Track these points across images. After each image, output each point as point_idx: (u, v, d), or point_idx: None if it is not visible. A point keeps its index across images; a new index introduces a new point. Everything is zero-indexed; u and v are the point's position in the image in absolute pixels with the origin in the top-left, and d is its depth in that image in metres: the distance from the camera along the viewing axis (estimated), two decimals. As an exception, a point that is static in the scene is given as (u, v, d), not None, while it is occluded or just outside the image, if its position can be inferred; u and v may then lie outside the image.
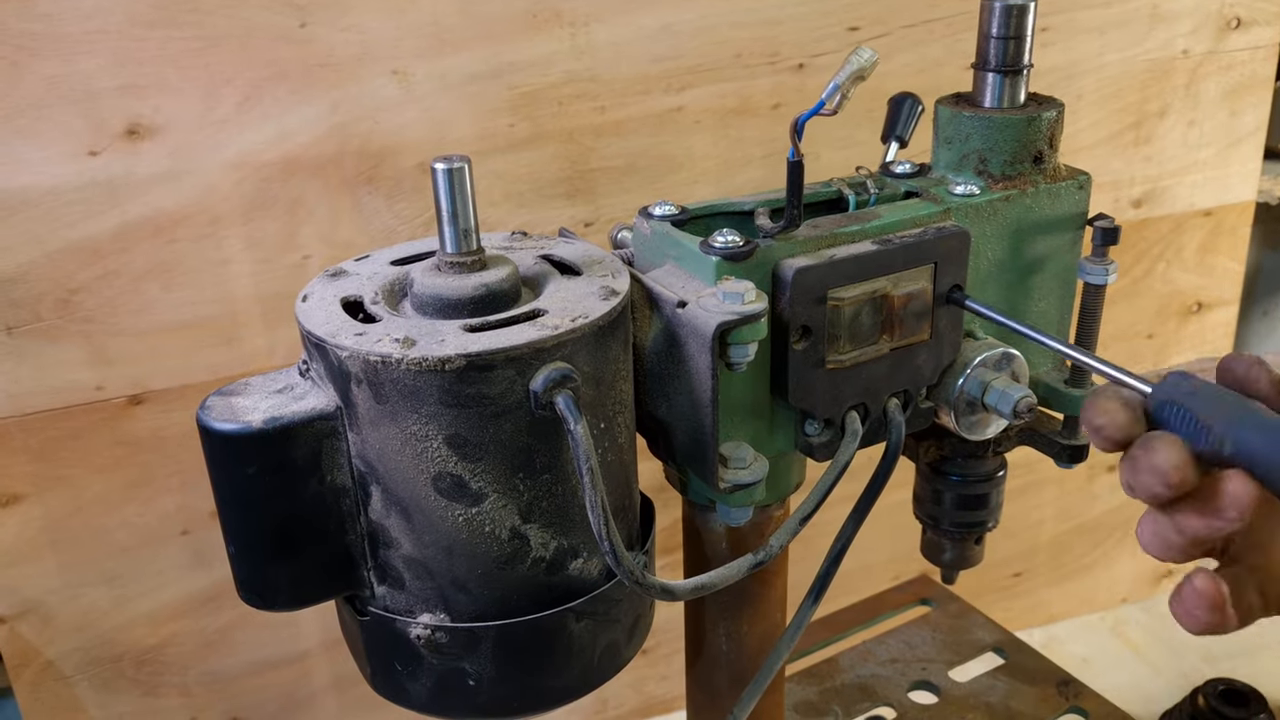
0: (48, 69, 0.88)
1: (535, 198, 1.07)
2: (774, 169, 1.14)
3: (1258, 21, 1.30)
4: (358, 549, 0.54)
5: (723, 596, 0.68)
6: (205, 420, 0.50)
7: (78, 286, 0.95)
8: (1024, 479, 1.45)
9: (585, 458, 0.48)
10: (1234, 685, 1.28)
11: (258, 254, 1.00)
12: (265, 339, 1.03)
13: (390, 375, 0.48)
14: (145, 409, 1.02)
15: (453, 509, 0.51)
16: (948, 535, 0.75)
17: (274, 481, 0.51)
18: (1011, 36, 0.63)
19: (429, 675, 0.55)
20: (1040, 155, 0.64)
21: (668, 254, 0.59)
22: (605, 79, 1.05)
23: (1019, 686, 0.98)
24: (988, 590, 1.52)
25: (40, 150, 0.90)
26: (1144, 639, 1.54)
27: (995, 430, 0.65)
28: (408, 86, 0.99)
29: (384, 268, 0.58)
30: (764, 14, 1.08)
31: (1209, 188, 1.38)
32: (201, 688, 1.14)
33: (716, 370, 0.53)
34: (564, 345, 0.50)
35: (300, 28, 0.94)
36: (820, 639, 1.05)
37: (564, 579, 0.54)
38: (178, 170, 0.95)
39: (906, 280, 0.59)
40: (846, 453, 0.60)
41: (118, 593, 1.07)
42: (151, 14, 0.89)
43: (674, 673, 1.37)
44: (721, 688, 0.71)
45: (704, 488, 0.61)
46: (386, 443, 0.50)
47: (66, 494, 1.02)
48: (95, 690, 1.09)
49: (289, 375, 0.54)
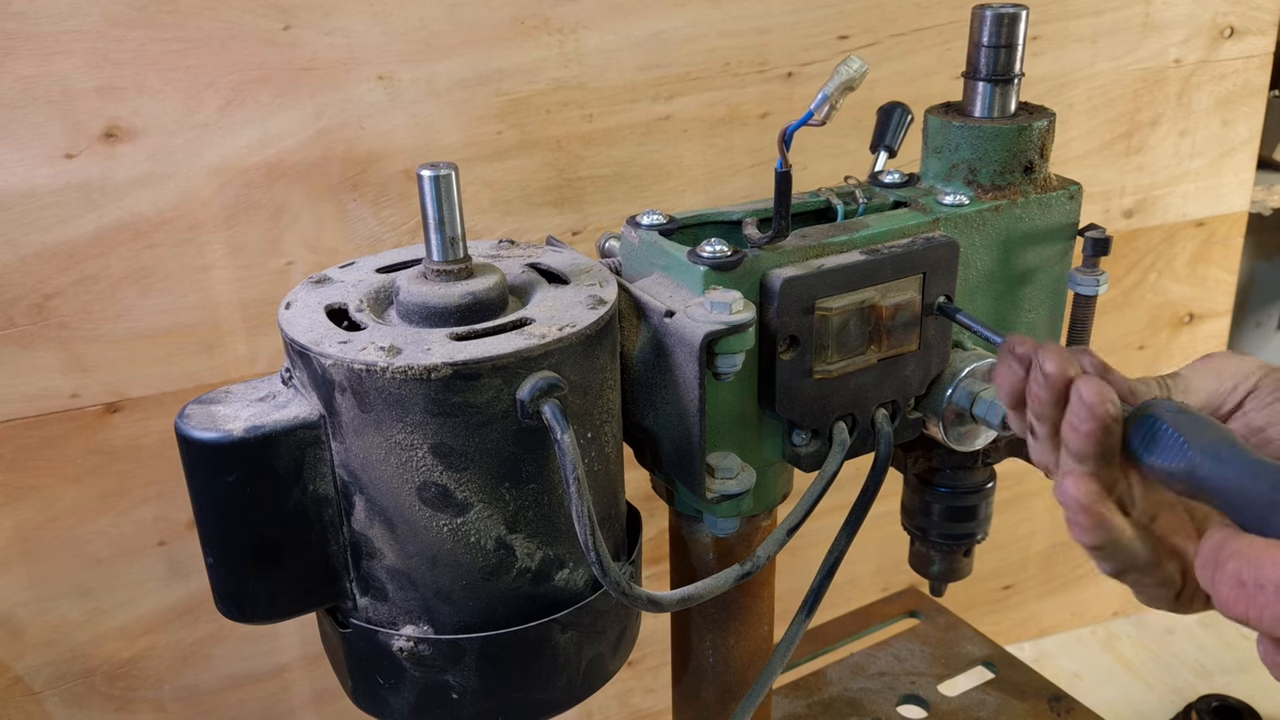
0: (23, 69, 0.87)
1: (523, 205, 1.06)
2: (762, 178, 1.14)
3: (1251, 31, 1.31)
4: (340, 560, 0.53)
5: (710, 608, 0.67)
6: (184, 429, 0.49)
7: (53, 291, 0.94)
8: (1013, 491, 1.45)
9: (572, 467, 0.48)
10: (1228, 701, 1.28)
11: (240, 260, 0.99)
12: (247, 346, 1.02)
13: (375, 384, 0.48)
14: (122, 417, 1.00)
15: (437, 519, 0.50)
16: (936, 547, 0.74)
17: (255, 491, 0.50)
18: (1002, 45, 0.63)
19: (411, 688, 0.54)
20: (1031, 165, 0.64)
21: (655, 263, 0.59)
22: (594, 87, 1.04)
23: (1009, 701, 0.97)
24: (977, 603, 1.51)
25: (15, 152, 0.89)
26: (1136, 654, 1.55)
27: (984, 441, 0.64)
28: (394, 92, 0.98)
29: (369, 275, 0.57)
30: (753, 22, 1.08)
31: (1201, 198, 1.39)
32: (177, 703, 1.12)
33: (704, 380, 0.53)
34: (551, 354, 0.49)
35: (284, 30, 0.93)
36: (808, 652, 1.04)
37: (549, 590, 0.54)
38: (157, 174, 0.93)
39: (895, 290, 0.59)
40: (834, 463, 0.60)
41: (91, 605, 1.05)
42: (130, 14, 0.88)
43: (661, 685, 1.35)
44: (708, 700, 0.70)
45: (691, 498, 0.60)
46: (371, 452, 0.49)
47: (39, 504, 1.00)
48: (66, 706, 1.07)
49: (271, 383, 0.53)
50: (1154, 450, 0.42)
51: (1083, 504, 0.42)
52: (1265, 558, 0.38)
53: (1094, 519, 0.43)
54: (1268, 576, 0.37)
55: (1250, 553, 0.38)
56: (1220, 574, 0.39)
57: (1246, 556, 0.38)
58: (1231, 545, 0.39)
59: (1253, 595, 0.38)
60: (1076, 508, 0.43)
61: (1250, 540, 0.39)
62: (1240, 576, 0.38)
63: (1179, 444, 0.41)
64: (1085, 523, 0.43)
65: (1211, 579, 0.39)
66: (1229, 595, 0.38)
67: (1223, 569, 0.39)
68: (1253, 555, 0.38)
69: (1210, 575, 0.39)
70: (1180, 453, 0.41)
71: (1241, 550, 0.38)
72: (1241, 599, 0.38)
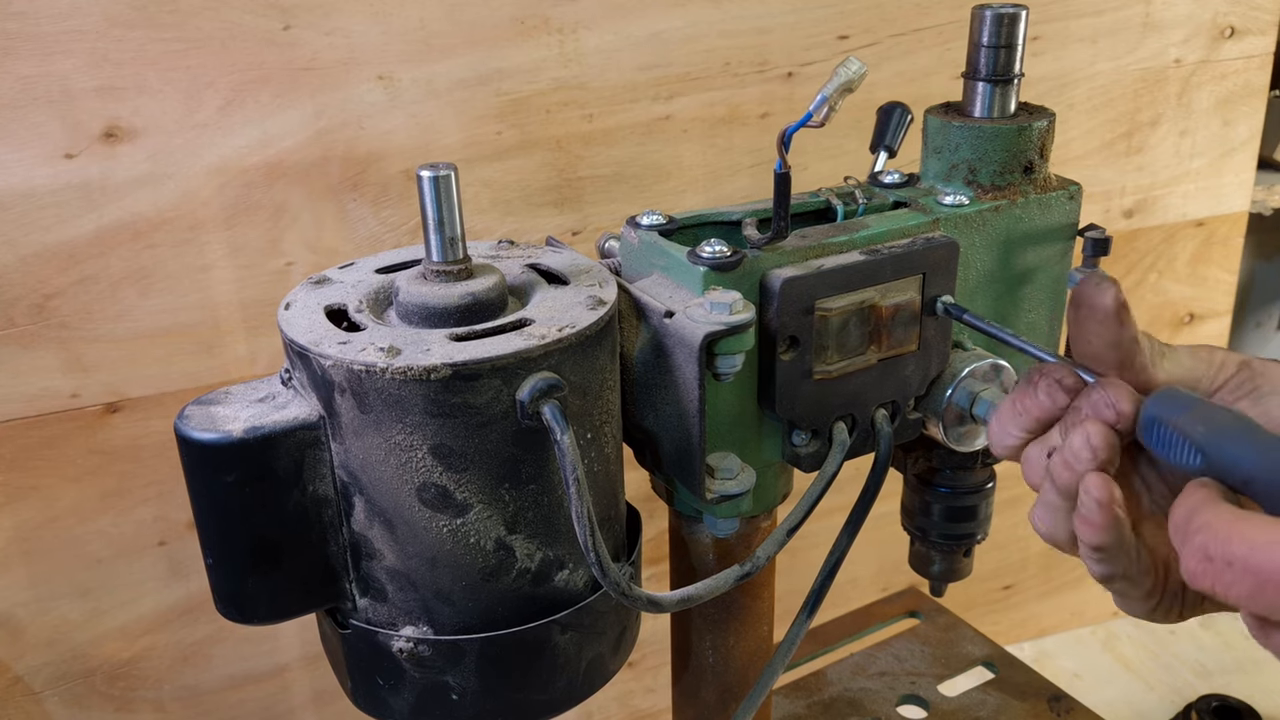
0: (23, 69, 0.87)
1: (522, 206, 1.06)
2: (762, 178, 1.14)
3: (1251, 30, 1.31)
4: (339, 561, 0.53)
5: (709, 608, 0.67)
6: (184, 429, 0.49)
7: (53, 291, 0.94)
8: (1013, 491, 1.45)
9: (572, 468, 0.48)
10: (1228, 701, 1.28)
11: (239, 260, 0.98)
12: (246, 347, 1.02)
13: (374, 384, 0.48)
14: (122, 417, 1.00)
15: (437, 520, 0.50)
16: (936, 547, 0.74)
17: (254, 492, 0.50)
18: (1002, 45, 0.62)
19: (411, 689, 0.54)
20: (1030, 165, 0.64)
21: (655, 264, 0.59)
22: (593, 87, 1.04)
23: (1009, 701, 0.97)
24: (977, 603, 1.51)
25: (14, 152, 0.89)
26: (1136, 654, 1.54)
27: (984, 441, 0.64)
28: (394, 92, 0.98)
29: (369, 275, 0.57)
30: (753, 22, 1.08)
31: (1201, 198, 1.39)
32: (177, 703, 1.12)
33: (704, 380, 0.53)
34: (551, 355, 0.49)
35: (284, 30, 0.93)
36: (808, 652, 1.04)
37: (549, 591, 0.54)
38: (157, 174, 0.93)
39: (894, 291, 0.59)
40: (834, 463, 0.60)
41: (91, 605, 1.05)
42: (130, 14, 0.88)
43: (660, 685, 1.35)
44: (708, 700, 0.70)
45: (691, 498, 0.60)
46: (370, 453, 0.49)
47: (39, 504, 1.00)
48: (65, 706, 1.07)
49: (271, 384, 0.53)
50: (1168, 452, 0.41)
51: (1102, 502, 0.42)
52: (1233, 533, 0.36)
53: (1110, 518, 0.42)
54: (1234, 553, 0.36)
55: (1217, 526, 0.37)
56: (1188, 546, 0.38)
57: (1214, 531, 0.37)
58: (1200, 517, 0.38)
59: (1219, 572, 0.37)
60: (1095, 506, 0.42)
61: (1218, 511, 0.38)
62: (1207, 550, 0.37)
63: (1180, 441, 0.41)
64: (1101, 521, 0.42)
65: (1180, 547, 0.39)
66: (1195, 568, 0.38)
67: (1190, 541, 0.38)
68: (1220, 529, 0.37)
69: (1180, 543, 0.39)
70: (1182, 449, 0.41)
71: (1209, 523, 0.37)
72: (1208, 574, 0.37)
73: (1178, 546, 0.39)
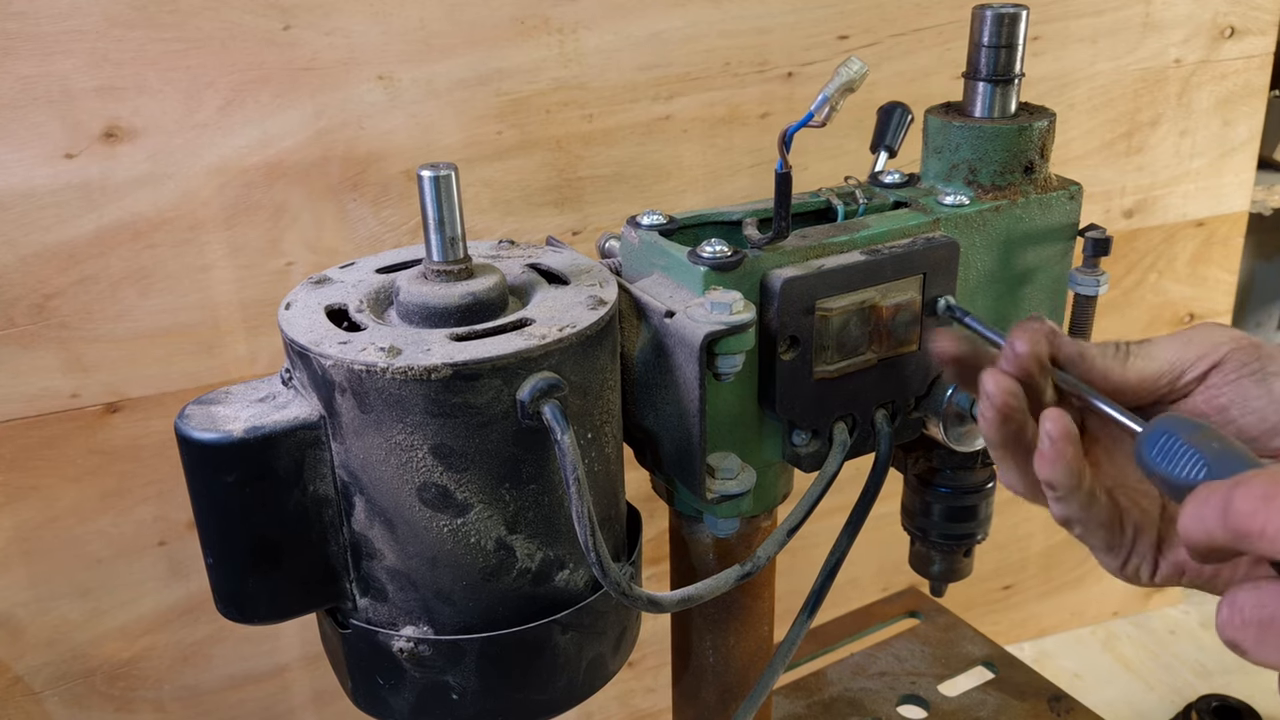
0: (23, 69, 0.87)
1: (523, 206, 1.06)
2: (762, 178, 1.14)
3: (1251, 31, 1.31)
4: (340, 560, 0.53)
5: (710, 608, 0.67)
6: (184, 429, 0.49)
7: (53, 291, 0.94)
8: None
9: (572, 468, 0.48)
10: (1228, 701, 1.28)
11: (240, 260, 0.98)
12: (247, 347, 1.02)
13: (375, 384, 0.48)
14: (122, 417, 1.00)
15: (437, 519, 0.50)
16: (937, 547, 0.74)
17: (255, 492, 0.50)
18: (1003, 45, 0.62)
19: (411, 689, 0.54)
20: (1031, 165, 0.64)
21: (655, 263, 0.59)
22: (594, 87, 1.04)
23: (1009, 701, 0.97)
24: (977, 603, 1.51)
25: (14, 152, 0.89)
26: (1135, 654, 1.54)
27: (983, 441, 0.64)
28: (394, 92, 0.98)
29: (369, 275, 0.57)
30: (753, 22, 1.08)
31: (1201, 198, 1.39)
32: (177, 703, 1.12)
33: (704, 380, 0.53)
34: (551, 355, 0.49)
35: (284, 30, 0.93)
36: (808, 652, 1.04)
37: (550, 590, 0.54)
38: (157, 174, 0.93)
39: (895, 291, 0.59)
40: (834, 463, 0.60)
41: (91, 605, 1.05)
42: (130, 14, 0.88)
43: (661, 685, 1.35)
44: (709, 701, 0.70)
45: (691, 498, 0.60)
46: (371, 453, 0.49)
47: (39, 504, 1.00)
48: (65, 706, 1.07)
49: (271, 384, 0.53)
50: (1169, 465, 0.42)
51: (1053, 436, 0.43)
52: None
53: (1061, 451, 0.43)
54: None
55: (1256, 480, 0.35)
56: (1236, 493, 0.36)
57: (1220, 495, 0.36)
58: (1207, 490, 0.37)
59: None
60: (1047, 440, 0.43)
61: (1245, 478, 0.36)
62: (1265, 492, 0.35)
63: (1186, 459, 0.41)
64: (1052, 454, 0.43)
65: (1222, 507, 0.36)
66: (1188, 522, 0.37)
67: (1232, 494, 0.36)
68: (1260, 482, 0.35)
69: (1221, 504, 0.36)
70: (1188, 466, 0.41)
71: (1248, 478, 0.36)
72: (1259, 514, 0.35)
73: (1215, 514, 0.36)
